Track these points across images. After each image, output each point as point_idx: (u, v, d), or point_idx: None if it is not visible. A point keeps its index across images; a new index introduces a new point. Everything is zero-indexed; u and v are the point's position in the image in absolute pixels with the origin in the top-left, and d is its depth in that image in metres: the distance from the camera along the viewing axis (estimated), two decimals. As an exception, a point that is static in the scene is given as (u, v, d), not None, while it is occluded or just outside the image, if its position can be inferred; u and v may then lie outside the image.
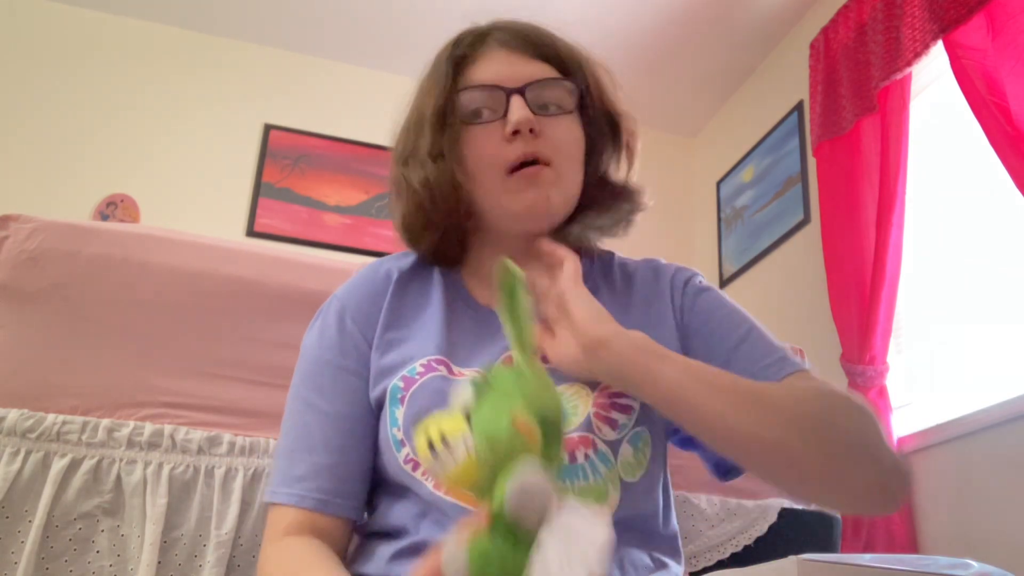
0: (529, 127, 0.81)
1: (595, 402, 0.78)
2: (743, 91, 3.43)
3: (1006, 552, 1.77)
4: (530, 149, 0.81)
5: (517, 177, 0.82)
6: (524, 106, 0.81)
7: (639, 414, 0.78)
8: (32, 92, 3.07)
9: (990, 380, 1.96)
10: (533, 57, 0.85)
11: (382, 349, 0.83)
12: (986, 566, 0.43)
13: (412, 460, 0.77)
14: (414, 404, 0.77)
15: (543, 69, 0.85)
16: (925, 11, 2.14)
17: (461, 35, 0.89)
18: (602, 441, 0.76)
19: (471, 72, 0.86)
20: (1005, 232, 2.02)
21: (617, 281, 0.91)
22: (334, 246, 3.20)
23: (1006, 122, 1.82)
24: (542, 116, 0.83)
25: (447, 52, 0.88)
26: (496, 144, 0.82)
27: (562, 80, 0.85)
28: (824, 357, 2.36)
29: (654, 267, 0.93)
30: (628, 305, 0.88)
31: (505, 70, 0.84)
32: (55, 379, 1.09)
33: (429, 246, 0.88)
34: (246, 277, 1.19)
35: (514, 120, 0.81)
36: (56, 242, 1.13)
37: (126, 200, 3.03)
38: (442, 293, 0.87)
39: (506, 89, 0.82)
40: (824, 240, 2.48)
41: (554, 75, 0.85)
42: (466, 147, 0.83)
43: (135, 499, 1.04)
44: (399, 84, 3.97)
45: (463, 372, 0.79)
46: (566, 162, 0.84)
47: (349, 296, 0.88)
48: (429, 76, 0.89)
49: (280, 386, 1.16)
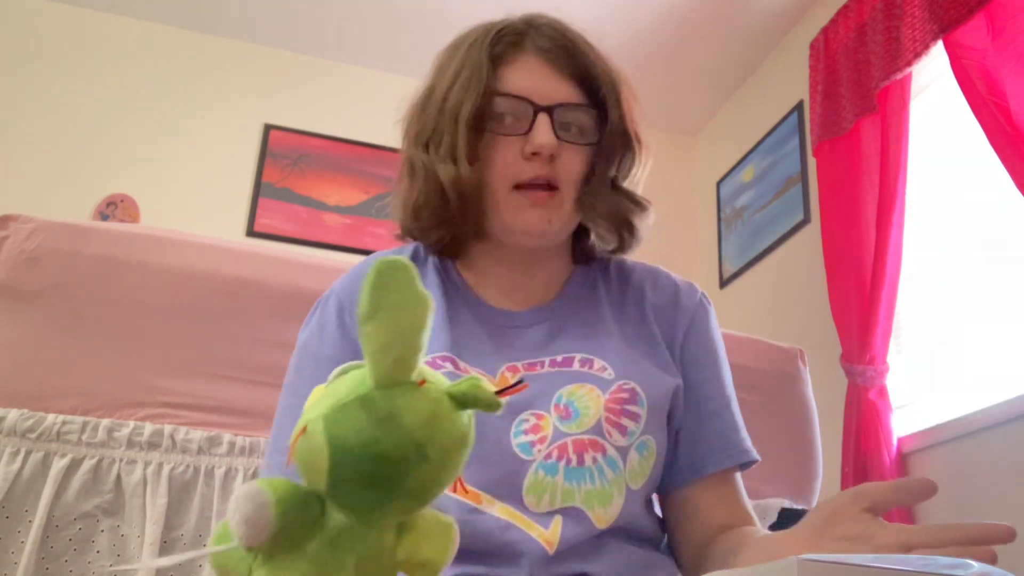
0: (550, 152, 0.79)
1: (606, 405, 0.77)
2: (743, 91, 3.43)
3: (1006, 552, 1.77)
4: (544, 172, 0.80)
5: (522, 195, 0.81)
6: (550, 129, 0.79)
7: (646, 422, 0.78)
8: (32, 92, 3.07)
9: (990, 380, 1.96)
10: (567, 74, 0.83)
11: None
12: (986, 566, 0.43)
13: None
14: None
15: (574, 91, 0.83)
16: (925, 11, 2.14)
17: (501, 30, 0.85)
18: (612, 446, 0.76)
19: (505, 74, 0.82)
20: (1005, 232, 2.02)
21: (614, 281, 0.92)
22: (334, 246, 3.20)
23: (1006, 122, 1.82)
24: (563, 141, 0.81)
25: (486, 47, 0.83)
26: (513, 157, 0.81)
27: (590, 108, 0.83)
28: (824, 357, 2.36)
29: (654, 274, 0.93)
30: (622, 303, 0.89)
31: (539, 84, 0.82)
32: (55, 379, 1.09)
33: (436, 237, 0.86)
34: (246, 277, 1.19)
35: (537, 143, 0.79)
36: (56, 242, 1.13)
37: (126, 200, 3.03)
38: (440, 287, 0.86)
39: (535, 106, 0.80)
40: (824, 240, 2.48)
41: (583, 100, 0.83)
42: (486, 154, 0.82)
43: (135, 499, 1.04)
44: (399, 84, 3.98)
45: (469, 370, 0.79)
46: (573, 190, 0.82)
47: (347, 291, 0.86)
48: (462, 61, 0.83)
49: (280, 386, 1.16)
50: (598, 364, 0.81)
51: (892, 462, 2.08)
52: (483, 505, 0.73)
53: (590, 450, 0.75)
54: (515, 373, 0.80)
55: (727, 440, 0.85)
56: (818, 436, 1.47)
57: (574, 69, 0.83)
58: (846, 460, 2.18)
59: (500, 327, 0.85)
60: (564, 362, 0.82)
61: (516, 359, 0.82)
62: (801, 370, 1.47)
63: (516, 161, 0.80)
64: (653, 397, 0.80)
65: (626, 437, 0.77)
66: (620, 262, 0.94)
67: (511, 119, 0.81)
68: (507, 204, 0.81)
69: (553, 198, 0.81)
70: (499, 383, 0.78)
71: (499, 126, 0.81)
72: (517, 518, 0.73)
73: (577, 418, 0.76)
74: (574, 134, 0.82)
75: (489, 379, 0.79)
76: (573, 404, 0.78)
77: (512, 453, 0.75)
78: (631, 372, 0.80)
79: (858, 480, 2.12)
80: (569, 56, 0.83)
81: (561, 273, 0.90)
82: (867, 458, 2.11)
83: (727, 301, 3.21)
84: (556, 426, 0.76)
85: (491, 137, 0.81)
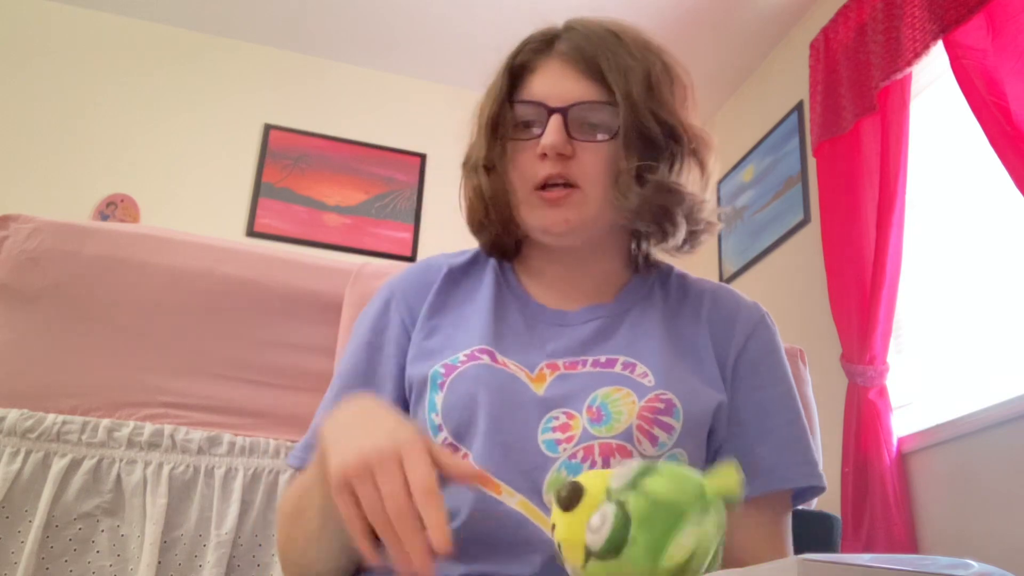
0: (556, 151, 0.81)
1: (640, 413, 0.76)
2: (743, 91, 3.43)
3: (1006, 552, 1.77)
4: (556, 171, 0.81)
5: (539, 195, 0.83)
6: (560, 129, 0.81)
7: (680, 435, 0.77)
8: (32, 92, 3.07)
9: (990, 380, 1.96)
10: (586, 74, 0.84)
11: (425, 332, 0.85)
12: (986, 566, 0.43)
13: (450, 444, 0.77)
14: (454, 391, 0.78)
15: (592, 89, 0.83)
16: (925, 11, 2.14)
17: (527, 40, 0.88)
18: (639, 455, 0.75)
19: (528, 81, 0.86)
20: (1005, 232, 2.02)
21: (672, 292, 0.90)
22: (334, 246, 3.20)
23: (1006, 122, 1.82)
24: (579, 140, 0.82)
25: (508, 59, 0.88)
26: (531, 160, 0.83)
27: (606, 104, 0.82)
28: (824, 357, 2.36)
29: (717, 289, 0.92)
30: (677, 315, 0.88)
31: (556, 87, 0.83)
32: (55, 379, 1.09)
33: (487, 239, 0.91)
34: (246, 277, 1.19)
35: (544, 143, 0.81)
36: (56, 242, 1.13)
37: (126, 200, 3.03)
38: (493, 286, 0.88)
39: (548, 108, 0.82)
40: (824, 240, 2.48)
41: (602, 97, 0.83)
42: (510, 159, 0.85)
43: (135, 499, 1.04)
44: (399, 84, 3.97)
45: (507, 363, 0.79)
46: (596, 187, 0.82)
47: (399, 283, 0.91)
48: (492, 82, 0.89)
49: (280, 386, 1.16)
50: (640, 369, 0.80)
51: (892, 462, 2.08)
52: (503, 497, 0.73)
53: (617, 455, 0.74)
54: (554, 371, 0.80)
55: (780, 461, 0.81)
56: (818, 436, 1.47)
57: (595, 68, 0.84)
58: (846, 460, 2.18)
59: (547, 324, 0.85)
60: (607, 363, 0.81)
61: (557, 356, 0.82)
62: (801, 370, 1.47)
63: (533, 163, 0.82)
64: (692, 411, 0.78)
65: (656, 447, 0.75)
66: (683, 275, 0.94)
67: (536, 125, 0.84)
68: (527, 205, 0.84)
69: (570, 196, 0.82)
70: (536, 379, 0.79)
71: (521, 132, 0.84)
72: (533, 513, 0.73)
73: (608, 422, 0.76)
74: (587, 131, 0.82)
75: (526, 373, 0.80)
76: (606, 407, 0.77)
77: (537, 448, 0.75)
78: (672, 383, 0.79)
79: (858, 480, 2.13)
80: (590, 55, 0.84)
81: (619, 276, 0.90)
82: (867, 458, 2.11)
83: (727, 301, 3.21)
84: (586, 427, 0.76)
85: (516, 144, 0.84)
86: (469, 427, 0.76)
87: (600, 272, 0.89)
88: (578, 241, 0.86)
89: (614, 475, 0.54)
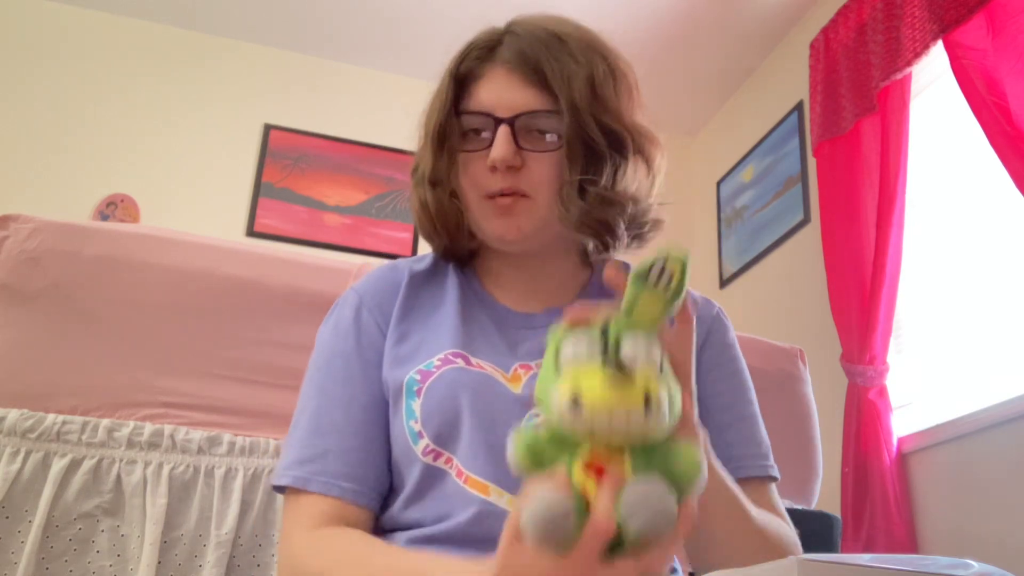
0: (507, 164, 0.80)
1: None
2: (743, 91, 3.43)
3: (1006, 552, 1.77)
4: (508, 184, 0.81)
5: (490, 204, 0.82)
6: (508, 140, 0.80)
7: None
8: (32, 92, 3.07)
9: (990, 380, 1.96)
10: (531, 81, 0.83)
11: (396, 337, 0.84)
12: (986, 566, 0.43)
13: (432, 451, 0.77)
14: (432, 396, 0.78)
15: (538, 97, 0.82)
16: (925, 11, 2.14)
17: (470, 45, 0.87)
18: None
19: (473, 90, 0.84)
20: (1005, 232, 2.02)
21: None
22: (334, 246, 3.20)
23: (1006, 122, 1.82)
24: (528, 151, 0.81)
25: (452, 66, 0.86)
26: (481, 170, 0.82)
27: (553, 113, 0.82)
28: (824, 357, 2.36)
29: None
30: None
31: (503, 96, 0.82)
32: (55, 379, 1.09)
33: (439, 248, 0.91)
34: (246, 277, 1.19)
35: (493, 156, 0.80)
36: (56, 242, 1.13)
37: (126, 200, 3.03)
38: (457, 290, 0.88)
39: (496, 118, 0.82)
40: (824, 240, 2.48)
41: (548, 105, 0.82)
42: (460, 171, 0.84)
43: (135, 499, 1.04)
44: (399, 84, 3.97)
45: (482, 364, 0.80)
46: (547, 195, 0.82)
47: (365, 289, 0.89)
48: (437, 89, 0.88)
49: (280, 386, 1.16)
50: None
51: (892, 462, 2.08)
52: (492, 497, 0.73)
53: None
54: (528, 371, 0.81)
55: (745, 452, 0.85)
56: (818, 436, 1.47)
57: (539, 75, 0.82)
58: (846, 460, 2.18)
59: (515, 328, 0.86)
60: None
61: (531, 358, 0.83)
62: (801, 370, 1.47)
63: (483, 174, 0.82)
64: None
65: None
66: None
67: (483, 135, 0.83)
68: (480, 213, 0.84)
69: (520, 204, 0.82)
70: (512, 379, 0.80)
71: (468, 143, 0.84)
72: None
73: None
74: (535, 140, 0.82)
75: (502, 374, 0.80)
76: None
77: None
78: None
79: (858, 480, 2.13)
80: (534, 62, 0.82)
81: (578, 276, 0.91)
82: (867, 458, 2.11)
83: (727, 301, 3.21)
84: None
85: (465, 156, 0.84)
86: (452, 431, 0.76)
87: (558, 273, 0.90)
88: (533, 246, 0.86)
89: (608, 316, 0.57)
